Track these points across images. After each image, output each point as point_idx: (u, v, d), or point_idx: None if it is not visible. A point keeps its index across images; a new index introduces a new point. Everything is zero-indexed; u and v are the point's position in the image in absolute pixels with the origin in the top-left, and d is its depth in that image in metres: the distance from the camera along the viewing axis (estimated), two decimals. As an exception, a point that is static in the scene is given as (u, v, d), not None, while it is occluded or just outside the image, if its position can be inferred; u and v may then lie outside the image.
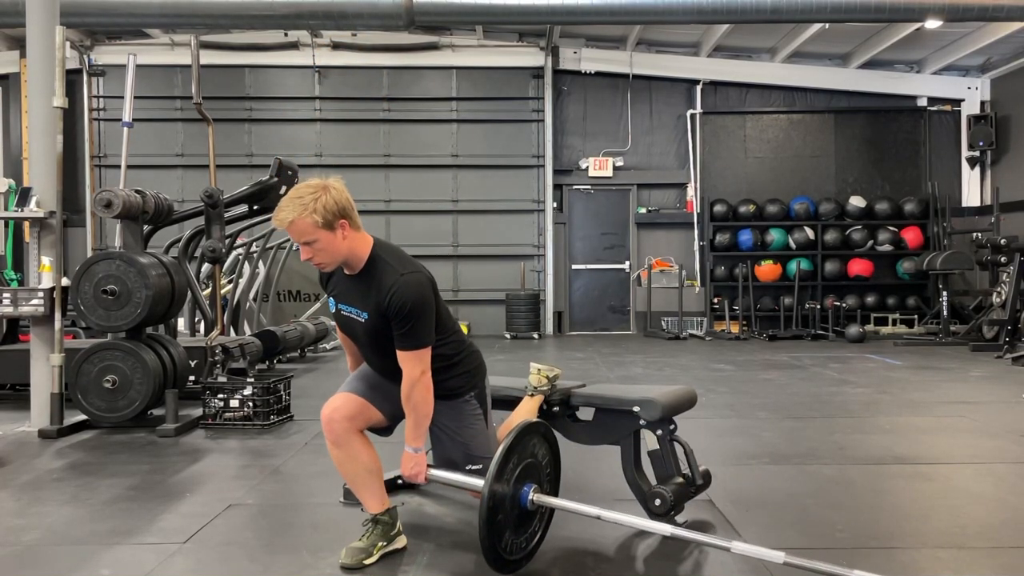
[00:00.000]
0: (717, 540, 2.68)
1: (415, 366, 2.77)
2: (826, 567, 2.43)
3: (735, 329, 11.46)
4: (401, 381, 2.82)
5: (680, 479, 3.17)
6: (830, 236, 11.98)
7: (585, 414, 3.44)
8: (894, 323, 11.86)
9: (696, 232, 12.33)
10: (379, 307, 2.76)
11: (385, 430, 3.07)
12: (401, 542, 2.91)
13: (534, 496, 2.82)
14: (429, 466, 2.92)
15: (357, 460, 2.87)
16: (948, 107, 12.50)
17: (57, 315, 5.02)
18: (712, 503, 3.41)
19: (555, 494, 2.97)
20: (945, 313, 10.35)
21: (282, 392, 5.30)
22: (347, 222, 2.73)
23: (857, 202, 12.07)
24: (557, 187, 12.34)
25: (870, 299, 12.00)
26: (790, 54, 11.89)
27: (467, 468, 2.99)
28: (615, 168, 12.33)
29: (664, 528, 2.78)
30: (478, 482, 2.79)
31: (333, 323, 9.95)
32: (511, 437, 2.80)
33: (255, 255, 8.44)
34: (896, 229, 12.02)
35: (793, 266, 11.87)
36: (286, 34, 11.77)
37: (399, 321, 2.74)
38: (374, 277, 2.79)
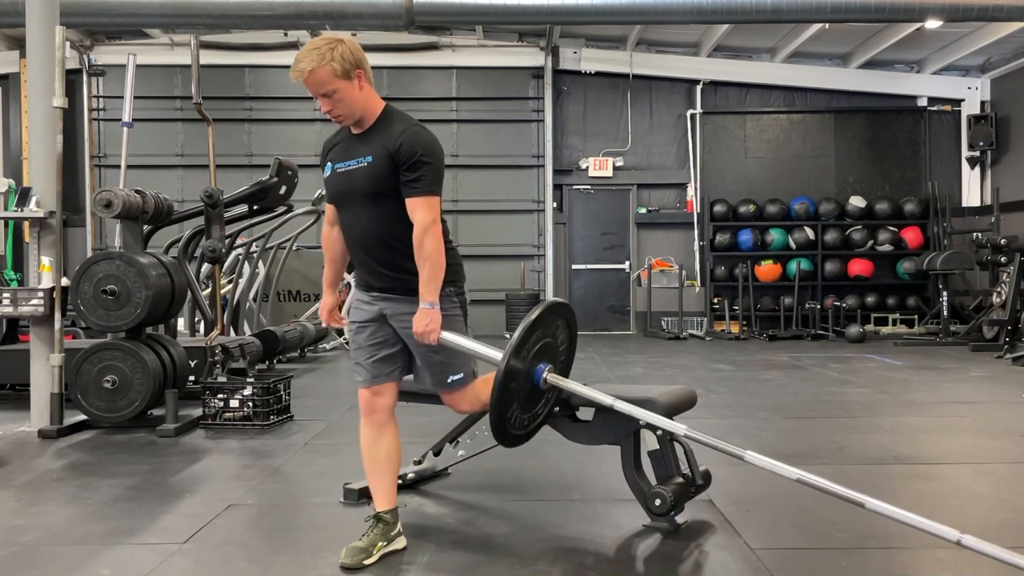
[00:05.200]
0: (730, 447, 2.76)
1: (426, 213, 2.73)
2: (838, 489, 2.52)
3: (735, 329, 11.46)
4: (387, 248, 2.81)
5: (680, 479, 3.16)
6: (830, 236, 11.99)
7: (585, 414, 3.43)
8: (894, 323, 11.86)
9: (696, 232, 12.33)
10: (387, 149, 2.74)
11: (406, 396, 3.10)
12: (401, 543, 2.90)
13: (548, 376, 2.80)
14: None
15: (384, 444, 2.91)
16: (948, 107, 12.50)
17: (57, 315, 5.02)
18: (712, 503, 3.41)
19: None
20: (945, 313, 10.35)
21: (282, 392, 5.29)
22: (363, 72, 2.75)
23: (857, 202, 12.08)
24: (557, 187, 12.35)
25: (870, 299, 12.00)
26: (790, 54, 11.89)
27: (448, 380, 2.96)
28: (615, 168, 12.33)
29: (678, 427, 2.85)
30: (495, 353, 2.77)
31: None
32: (539, 310, 2.78)
33: (255, 255, 8.44)
34: (896, 229, 12.02)
35: (793, 266, 11.88)
36: (286, 34, 11.77)
37: (409, 165, 2.72)
38: (384, 126, 2.80)
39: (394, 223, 2.78)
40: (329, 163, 2.91)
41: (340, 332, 9.42)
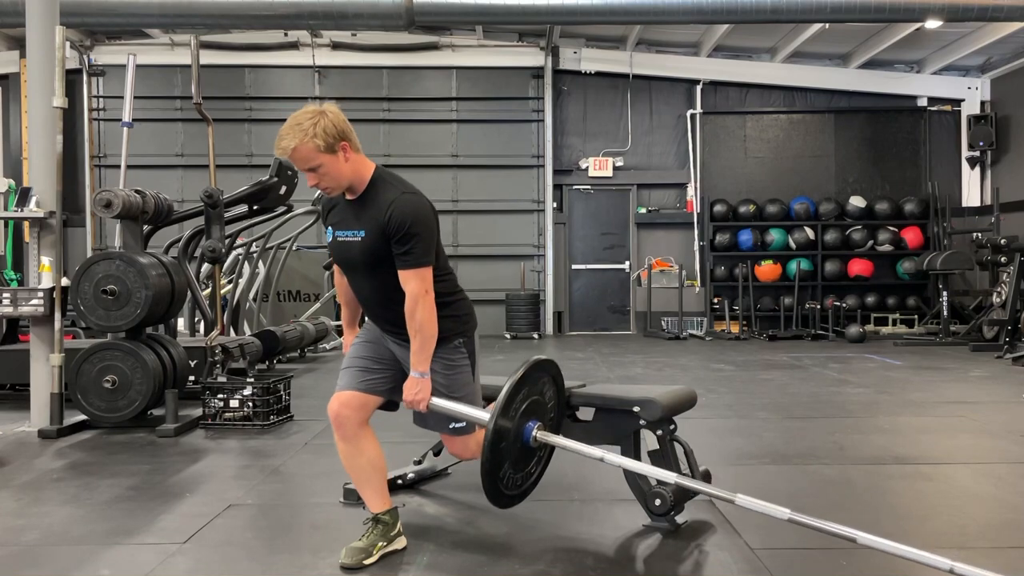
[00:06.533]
0: (721, 492, 2.70)
1: (418, 285, 2.75)
2: (830, 526, 2.46)
3: (735, 329, 11.46)
4: (392, 309, 2.82)
5: (680, 479, 3.17)
6: (830, 236, 11.99)
7: (585, 414, 3.43)
8: (894, 323, 11.86)
9: (696, 232, 12.33)
10: (378, 223, 2.74)
11: (388, 405, 3.05)
12: (401, 543, 2.91)
13: (537, 433, 2.80)
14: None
15: (364, 455, 2.88)
16: (948, 107, 12.50)
17: (57, 315, 5.02)
18: (712, 503, 3.41)
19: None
20: (945, 313, 10.35)
21: (282, 392, 5.29)
22: (348, 144, 2.74)
23: (857, 202, 12.08)
24: (557, 187, 12.35)
25: (870, 299, 12.01)
26: (790, 54, 11.89)
27: (451, 427, 2.96)
28: (615, 168, 12.33)
29: (668, 475, 2.85)
30: (483, 415, 2.77)
31: (333, 323, 9.81)
32: (523, 369, 2.78)
33: (255, 255, 8.43)
34: (896, 229, 12.02)
35: (793, 266, 11.88)
36: (286, 34, 11.78)
37: (399, 238, 2.72)
38: (375, 196, 2.79)
39: (395, 288, 2.81)
40: (330, 228, 2.92)
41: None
